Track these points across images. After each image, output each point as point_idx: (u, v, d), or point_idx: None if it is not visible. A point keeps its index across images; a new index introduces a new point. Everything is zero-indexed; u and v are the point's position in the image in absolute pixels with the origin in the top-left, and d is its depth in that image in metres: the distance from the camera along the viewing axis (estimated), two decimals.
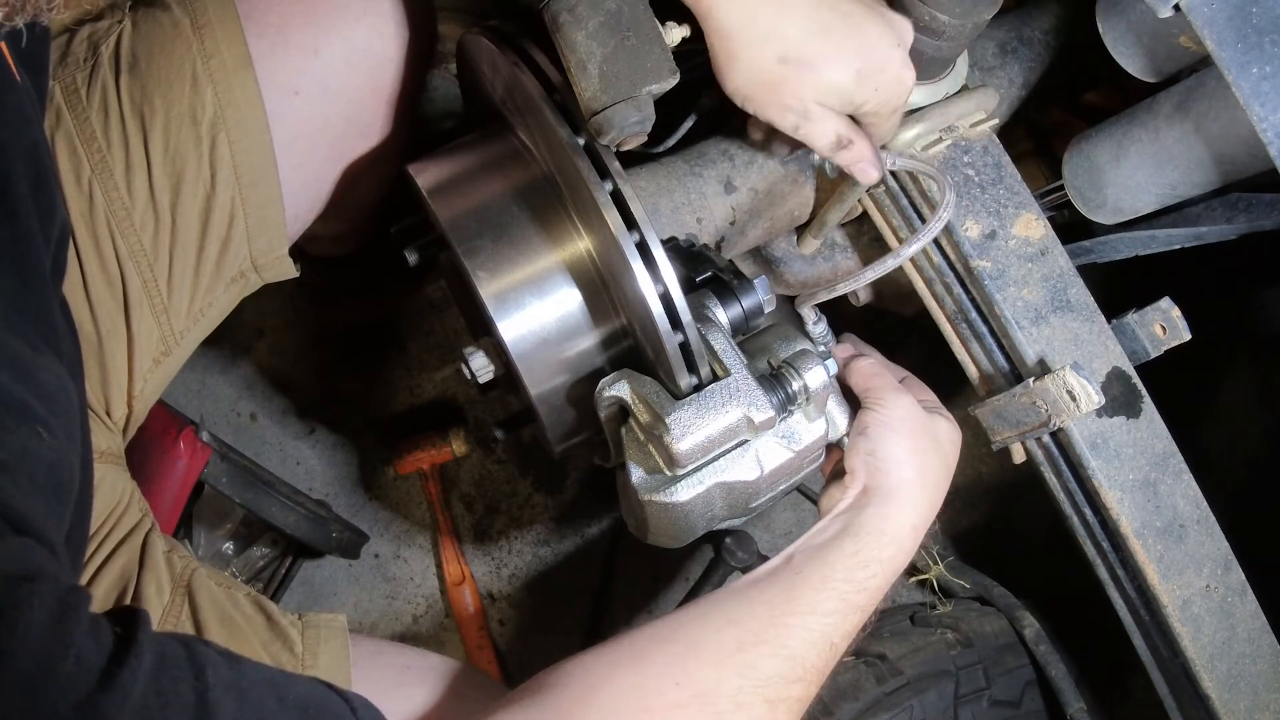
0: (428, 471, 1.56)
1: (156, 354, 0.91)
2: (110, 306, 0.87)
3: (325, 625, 0.86)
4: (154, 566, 0.86)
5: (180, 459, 1.19)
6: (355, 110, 0.95)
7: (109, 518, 0.87)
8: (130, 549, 0.87)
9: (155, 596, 0.84)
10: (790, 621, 0.74)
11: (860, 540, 0.79)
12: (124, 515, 0.88)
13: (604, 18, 0.71)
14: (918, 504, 0.82)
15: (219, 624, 0.84)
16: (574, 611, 1.57)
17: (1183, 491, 0.90)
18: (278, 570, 1.47)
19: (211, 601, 0.85)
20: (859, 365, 0.89)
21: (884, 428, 0.83)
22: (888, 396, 0.85)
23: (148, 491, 1.13)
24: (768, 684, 0.71)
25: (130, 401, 0.91)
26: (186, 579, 0.87)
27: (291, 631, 0.85)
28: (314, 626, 0.86)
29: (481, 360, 0.88)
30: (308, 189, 0.96)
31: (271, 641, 0.84)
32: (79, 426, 0.64)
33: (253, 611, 0.86)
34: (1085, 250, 1.02)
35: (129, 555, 0.86)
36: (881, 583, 0.79)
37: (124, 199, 0.86)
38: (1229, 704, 0.91)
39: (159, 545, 0.88)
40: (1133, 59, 0.94)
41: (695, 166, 1.00)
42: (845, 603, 0.76)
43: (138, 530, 0.88)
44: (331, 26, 0.91)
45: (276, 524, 1.32)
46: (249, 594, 0.89)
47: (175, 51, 0.87)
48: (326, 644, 0.84)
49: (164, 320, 0.90)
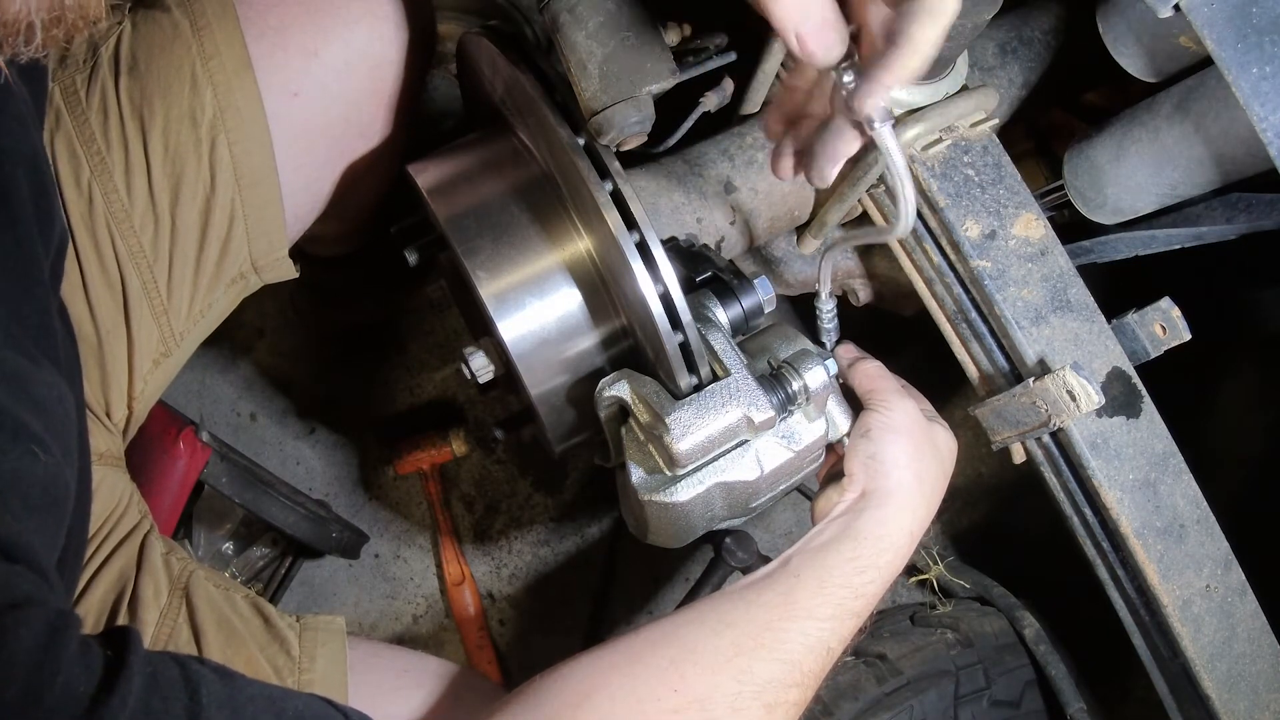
0: (428, 471, 1.56)
1: (156, 355, 0.91)
2: (110, 308, 0.87)
3: (324, 628, 0.86)
4: (152, 569, 0.86)
5: (180, 459, 1.19)
6: (354, 112, 0.95)
7: (107, 520, 0.87)
8: (128, 551, 0.87)
9: (153, 599, 0.84)
10: (787, 626, 0.74)
11: (859, 545, 0.78)
12: (123, 517, 0.88)
13: (604, 18, 0.71)
14: (915, 510, 0.81)
15: (216, 627, 0.84)
16: (574, 611, 1.57)
17: (1183, 491, 0.90)
18: (277, 570, 1.46)
19: (209, 604, 0.85)
20: (864, 367, 0.89)
21: (887, 430, 0.83)
22: (892, 399, 0.85)
23: (147, 492, 1.13)
24: (765, 689, 0.71)
25: (130, 403, 0.91)
26: (184, 581, 0.86)
27: (289, 634, 0.85)
28: (312, 629, 0.86)
29: (481, 360, 0.88)
30: (308, 190, 0.96)
31: (269, 644, 0.84)
32: (76, 437, 0.64)
33: (250, 614, 0.86)
34: (1085, 250, 1.02)
35: (127, 557, 0.86)
36: (878, 589, 0.78)
37: (123, 200, 0.86)
38: (1229, 704, 0.91)
39: (157, 547, 0.88)
40: (1133, 59, 0.94)
41: (695, 166, 1.00)
42: (842, 608, 0.76)
43: (136, 532, 0.88)
44: (330, 29, 0.91)
45: (276, 524, 1.32)
46: (247, 596, 0.88)
47: (175, 53, 0.87)
48: (324, 647, 0.84)
49: (164, 321, 0.90)
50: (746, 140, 1.02)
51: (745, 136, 1.02)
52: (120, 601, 0.84)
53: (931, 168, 0.92)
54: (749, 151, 1.01)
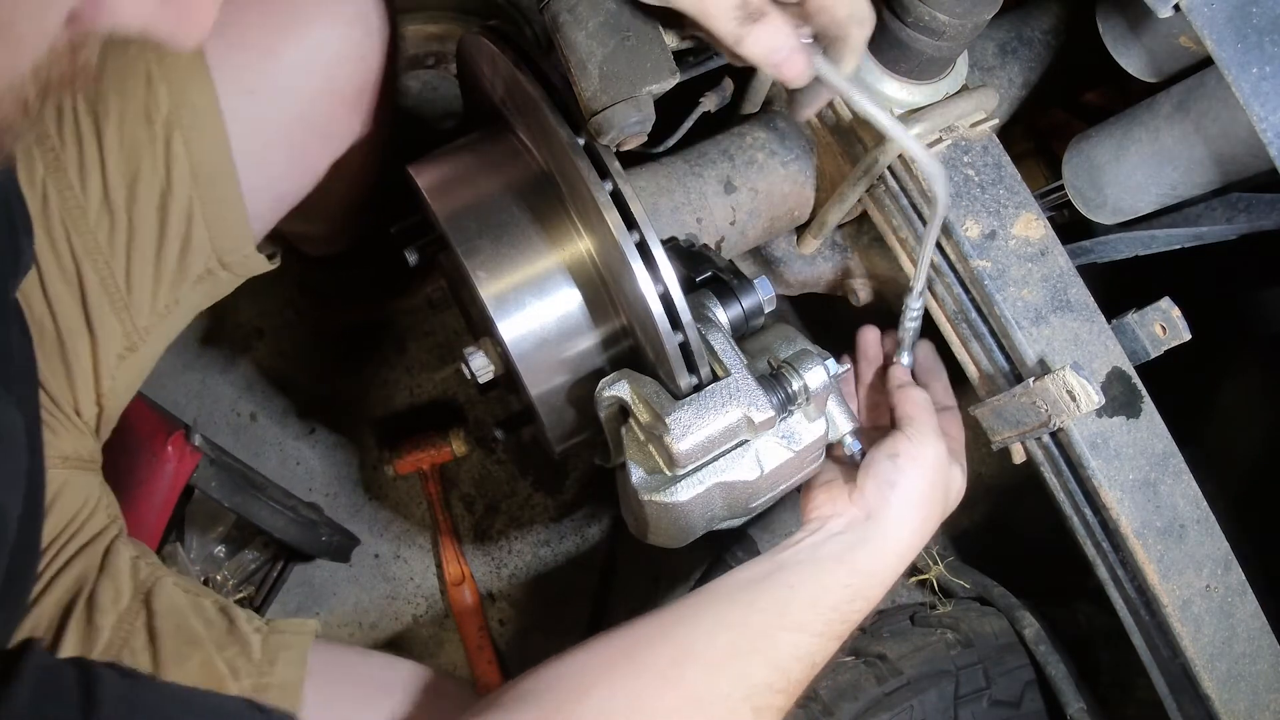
0: (428, 471, 1.56)
1: (121, 349, 0.91)
2: (69, 304, 0.87)
3: (291, 631, 0.86)
4: (114, 573, 0.86)
5: (168, 463, 1.19)
6: (312, 110, 0.95)
7: (70, 524, 0.87)
8: (91, 555, 0.87)
9: (111, 604, 0.84)
10: (781, 635, 0.76)
11: (855, 575, 0.81)
12: (88, 521, 0.88)
13: (604, 18, 0.71)
14: (911, 549, 0.84)
15: (174, 631, 0.84)
16: (574, 611, 1.57)
17: (1183, 491, 0.90)
18: (270, 573, 1.47)
19: (171, 609, 0.85)
20: (912, 394, 0.91)
21: (913, 463, 0.84)
22: (928, 435, 0.86)
23: (135, 495, 1.13)
24: (755, 692, 0.73)
25: (100, 399, 0.90)
26: (149, 586, 0.87)
27: (253, 638, 0.85)
28: (279, 632, 0.86)
29: (481, 360, 0.88)
30: (271, 188, 0.96)
31: (228, 647, 0.84)
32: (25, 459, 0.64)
33: (216, 618, 0.86)
34: (1085, 250, 1.02)
35: (88, 562, 0.86)
36: (860, 618, 0.81)
37: (78, 197, 0.86)
38: (1229, 704, 0.91)
39: (124, 552, 0.88)
40: (1133, 59, 0.94)
41: (695, 166, 1.00)
42: (830, 629, 0.79)
43: (102, 536, 0.88)
44: (287, 27, 0.91)
45: (265, 528, 1.33)
46: (217, 601, 0.88)
47: (129, 50, 0.87)
48: (286, 651, 0.84)
49: (125, 317, 0.90)
50: (746, 140, 1.02)
51: (745, 136, 1.02)
52: (75, 604, 0.83)
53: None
54: (749, 151, 1.01)
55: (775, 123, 1.03)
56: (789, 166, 1.01)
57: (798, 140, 1.02)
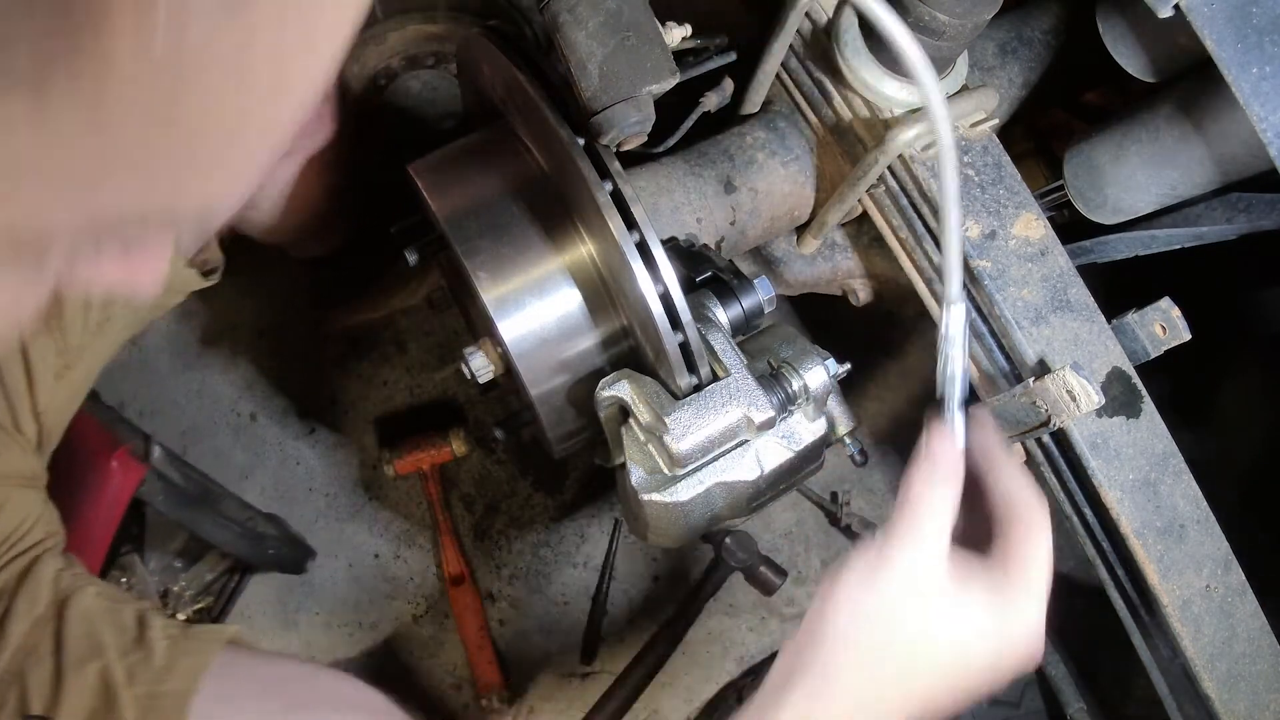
0: (428, 471, 1.56)
1: (56, 368, 0.91)
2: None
3: (203, 637, 0.88)
4: (35, 584, 0.87)
5: (112, 478, 1.19)
6: None
7: (5, 541, 0.88)
8: (14, 569, 0.88)
9: (26, 612, 0.86)
10: None
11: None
12: (24, 538, 0.89)
13: (604, 18, 0.71)
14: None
15: (82, 638, 0.85)
16: (574, 611, 1.57)
17: (1183, 491, 0.90)
18: (227, 584, 1.48)
19: (83, 617, 0.86)
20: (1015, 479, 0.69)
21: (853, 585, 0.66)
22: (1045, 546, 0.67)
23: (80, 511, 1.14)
24: None
25: (38, 416, 0.91)
26: (66, 596, 0.88)
27: (158, 645, 0.86)
28: (191, 638, 0.87)
29: (481, 360, 0.88)
30: None
31: (132, 653, 0.85)
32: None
33: (131, 625, 0.87)
34: (1085, 250, 1.02)
35: (10, 575, 0.88)
36: None
37: None
38: (1229, 704, 0.91)
39: (50, 565, 0.89)
40: (1133, 59, 0.94)
41: (695, 166, 1.00)
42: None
43: (32, 550, 0.90)
44: None
45: (212, 541, 1.34)
46: (138, 609, 0.89)
47: None
48: (188, 657, 0.86)
49: (58, 336, 0.91)
50: (746, 140, 1.02)
51: (745, 136, 1.02)
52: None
53: (931, 168, 0.92)
54: (749, 151, 1.01)
55: (775, 123, 1.03)
56: (789, 166, 1.01)
57: (798, 140, 1.02)
